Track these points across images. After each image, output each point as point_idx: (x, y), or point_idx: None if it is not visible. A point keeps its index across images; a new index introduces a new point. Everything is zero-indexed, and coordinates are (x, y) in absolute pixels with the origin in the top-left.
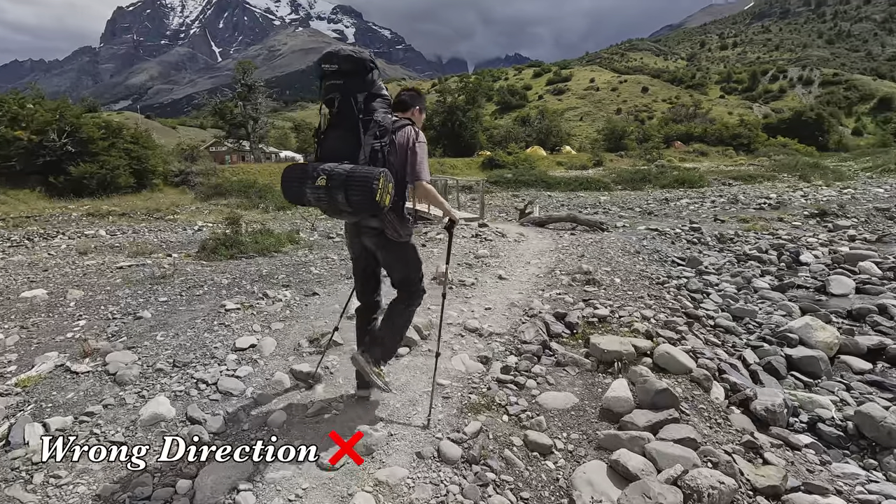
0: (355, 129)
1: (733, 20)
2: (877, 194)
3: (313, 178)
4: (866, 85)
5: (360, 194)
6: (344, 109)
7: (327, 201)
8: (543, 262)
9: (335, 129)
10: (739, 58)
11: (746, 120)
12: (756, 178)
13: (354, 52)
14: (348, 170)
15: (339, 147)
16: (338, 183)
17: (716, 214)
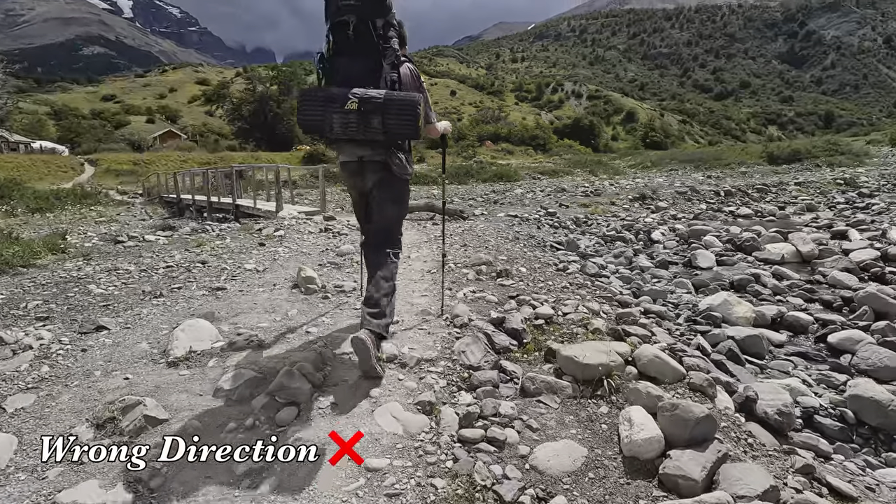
0: (374, 55)
1: (520, 38)
2: (659, 183)
3: (343, 101)
4: (617, 101)
5: (401, 119)
6: (362, 33)
7: (357, 126)
8: (425, 255)
9: (348, 55)
10: (527, 70)
11: (541, 124)
12: (557, 172)
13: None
14: (384, 94)
15: (355, 73)
16: (373, 107)
17: (559, 201)
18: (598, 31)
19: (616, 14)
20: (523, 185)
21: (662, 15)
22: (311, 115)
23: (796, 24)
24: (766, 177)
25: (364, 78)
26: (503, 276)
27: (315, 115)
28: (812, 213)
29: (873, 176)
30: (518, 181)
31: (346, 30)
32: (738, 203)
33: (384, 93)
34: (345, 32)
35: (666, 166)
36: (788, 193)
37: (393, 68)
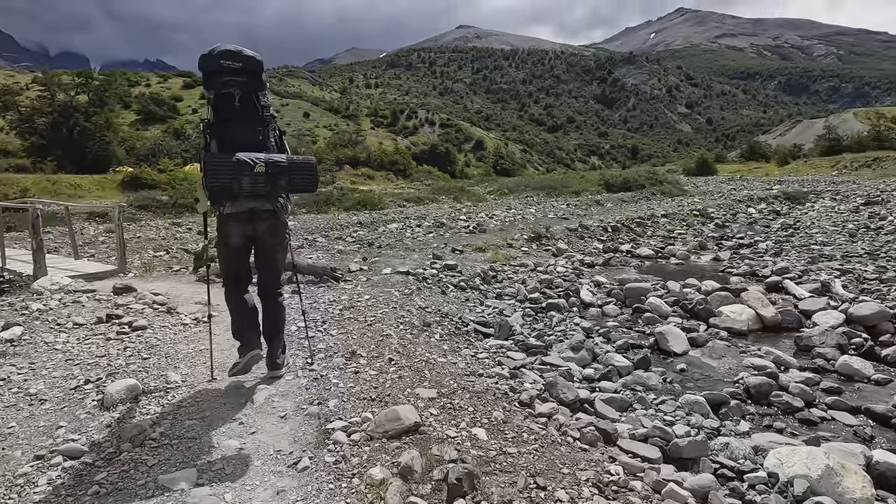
0: (258, 123)
1: (373, 65)
2: (534, 213)
3: (251, 166)
4: (467, 129)
5: (305, 178)
6: (246, 104)
7: (265, 185)
8: (274, 390)
9: (236, 121)
10: (381, 97)
11: (400, 149)
12: (423, 200)
13: (255, 54)
14: (286, 158)
15: (244, 138)
16: (280, 170)
17: (447, 242)
18: (445, 65)
19: (462, 50)
20: (393, 215)
21: (501, 55)
22: (222, 179)
23: (605, 71)
24: (621, 206)
25: (252, 142)
26: (416, 437)
27: (226, 179)
28: (710, 254)
29: (713, 205)
30: (384, 209)
31: (231, 101)
32: (627, 239)
33: (286, 157)
34: (231, 103)
35: (522, 192)
36: (663, 227)
37: (273, 130)
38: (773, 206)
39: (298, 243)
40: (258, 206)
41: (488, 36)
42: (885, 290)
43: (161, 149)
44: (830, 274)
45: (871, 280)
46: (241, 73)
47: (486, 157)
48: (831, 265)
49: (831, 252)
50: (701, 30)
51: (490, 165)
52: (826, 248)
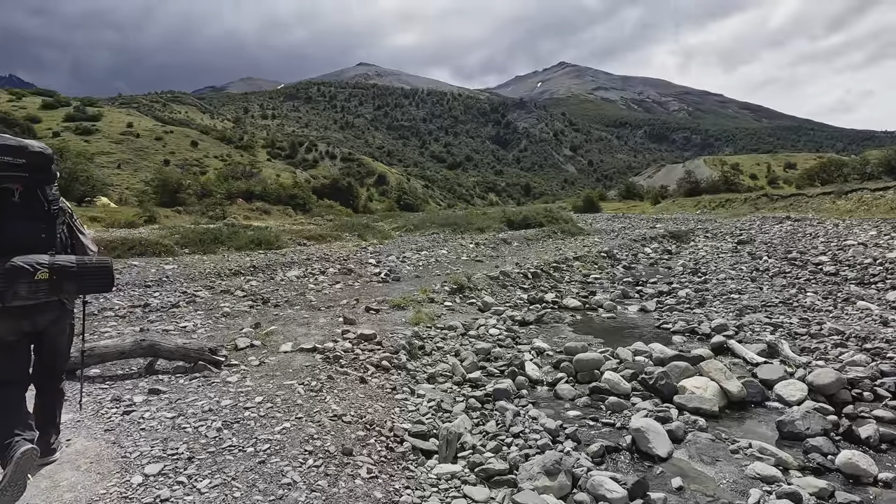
0: (45, 220)
1: (270, 95)
2: (445, 255)
3: (31, 273)
4: (369, 164)
5: (99, 281)
6: (29, 199)
7: (48, 291)
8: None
9: (15, 218)
10: (279, 128)
11: (300, 182)
12: (325, 237)
13: (43, 148)
14: (76, 261)
15: (24, 238)
16: (68, 275)
17: (359, 298)
18: (347, 100)
19: (363, 86)
20: (293, 255)
21: (401, 93)
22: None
23: (499, 114)
24: (528, 245)
25: (36, 241)
26: None
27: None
28: (635, 303)
29: (615, 246)
30: (282, 248)
31: (9, 195)
32: (548, 286)
33: (75, 259)
34: (8, 198)
35: (428, 229)
36: (578, 271)
37: (61, 227)
38: (664, 244)
39: (174, 299)
40: (42, 300)
41: (388, 75)
42: (822, 348)
43: None
44: (764, 328)
45: (801, 335)
46: (23, 168)
47: (389, 192)
48: (759, 317)
49: (749, 301)
50: (580, 82)
51: (394, 200)
52: (742, 296)
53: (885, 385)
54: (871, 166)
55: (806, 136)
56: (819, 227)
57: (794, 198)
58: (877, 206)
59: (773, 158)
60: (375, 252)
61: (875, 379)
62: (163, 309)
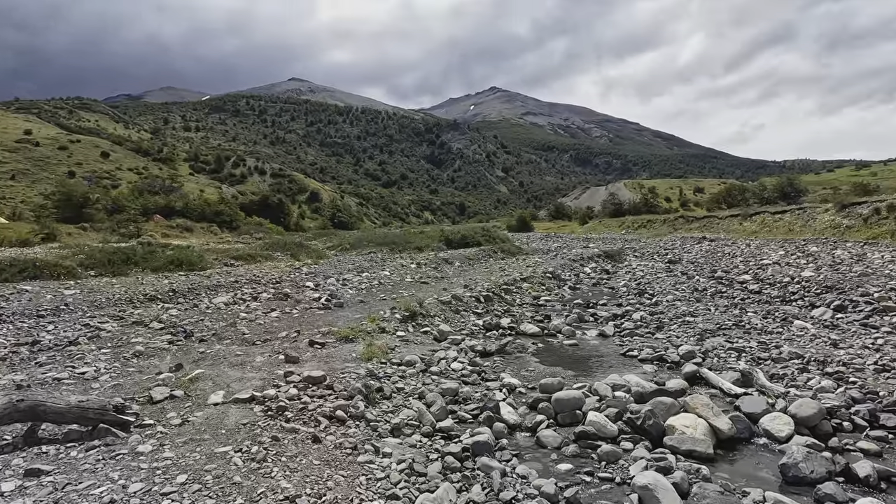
0: None
1: (194, 107)
2: (388, 277)
3: None
4: (301, 180)
5: None
6: None
7: None
8: None
9: None
10: (203, 141)
11: (226, 198)
12: (255, 257)
13: None
14: None
15: None
16: None
17: (300, 329)
18: (278, 114)
19: (295, 102)
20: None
21: (335, 110)
22: None
23: (434, 135)
24: (472, 265)
25: None
26: None
27: None
28: (593, 328)
29: (557, 266)
30: (203, 269)
31: None
32: (501, 310)
33: None
34: None
35: (365, 248)
36: (528, 293)
37: None
38: (601, 263)
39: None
40: None
41: (322, 91)
42: (789, 374)
43: None
44: (728, 353)
45: (765, 360)
46: None
47: (322, 210)
48: (720, 342)
49: (704, 324)
50: (510, 107)
51: (327, 218)
52: (695, 318)
53: (860, 413)
54: (768, 192)
55: (710, 164)
56: (734, 248)
57: (706, 219)
58: (777, 227)
59: (685, 183)
60: (311, 273)
61: (849, 407)
62: (57, 347)
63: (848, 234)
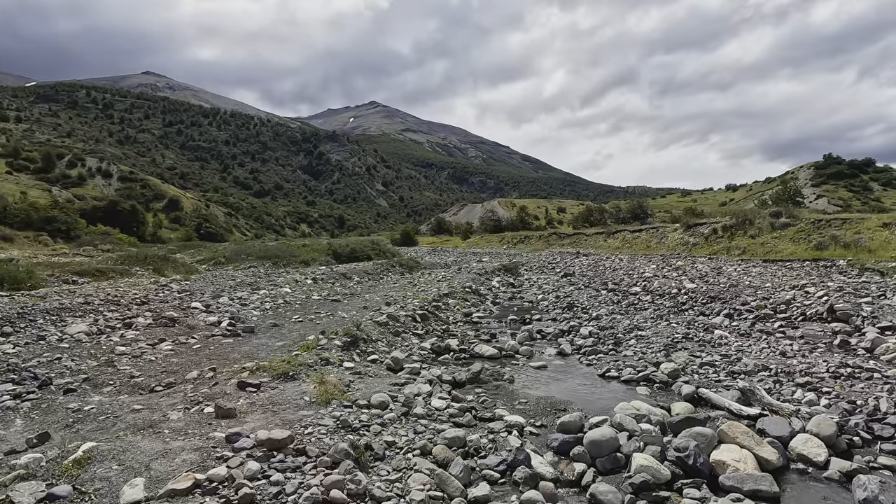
0: None
1: (14, 93)
2: (288, 293)
3: None
4: (157, 186)
5: None
6: None
7: None
8: None
9: None
10: (26, 135)
11: (60, 203)
12: (106, 273)
13: None
14: None
15: None
16: None
17: (216, 369)
18: (128, 111)
19: (150, 98)
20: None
21: (199, 111)
22: None
23: (312, 145)
24: (377, 281)
25: None
26: None
27: None
28: (549, 347)
29: (468, 280)
30: (35, 287)
31: None
32: (439, 329)
33: None
34: None
35: (244, 262)
36: (456, 309)
37: None
38: (504, 277)
39: None
40: None
41: (184, 89)
42: (771, 388)
43: None
44: (702, 368)
45: (738, 374)
46: None
47: (184, 219)
48: (686, 356)
49: (656, 338)
50: (390, 122)
51: (192, 229)
52: (645, 332)
53: (860, 426)
54: (623, 212)
55: (570, 187)
56: (610, 262)
57: (575, 236)
58: (636, 244)
59: (550, 203)
60: (185, 291)
61: (847, 420)
62: None
63: (694, 250)
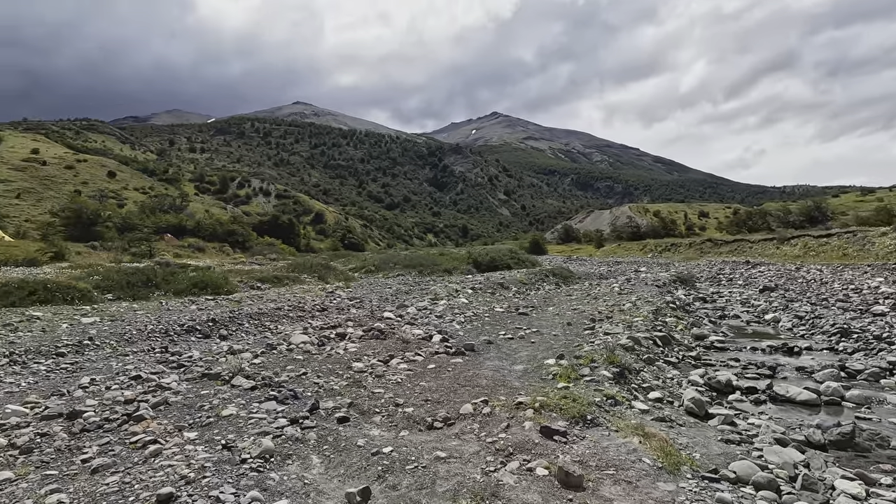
0: None
1: (199, 129)
2: (465, 304)
3: None
4: (306, 202)
5: None
6: None
7: None
8: None
9: None
10: (208, 162)
11: (237, 218)
12: (282, 279)
13: None
14: None
15: None
16: None
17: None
18: (282, 137)
19: (299, 125)
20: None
21: (339, 133)
22: None
23: (437, 158)
24: (533, 290)
25: None
26: None
27: None
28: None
29: (649, 293)
30: (231, 292)
31: None
32: (691, 357)
33: None
34: None
35: (391, 270)
36: (677, 330)
37: None
38: (690, 291)
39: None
40: None
41: (325, 114)
42: None
43: None
44: None
45: None
46: None
47: (327, 231)
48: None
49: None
50: (511, 131)
51: (337, 239)
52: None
53: None
54: (794, 215)
55: (710, 189)
56: (805, 273)
57: (736, 243)
58: (824, 251)
59: (689, 207)
60: (354, 299)
61: None
62: (110, 422)
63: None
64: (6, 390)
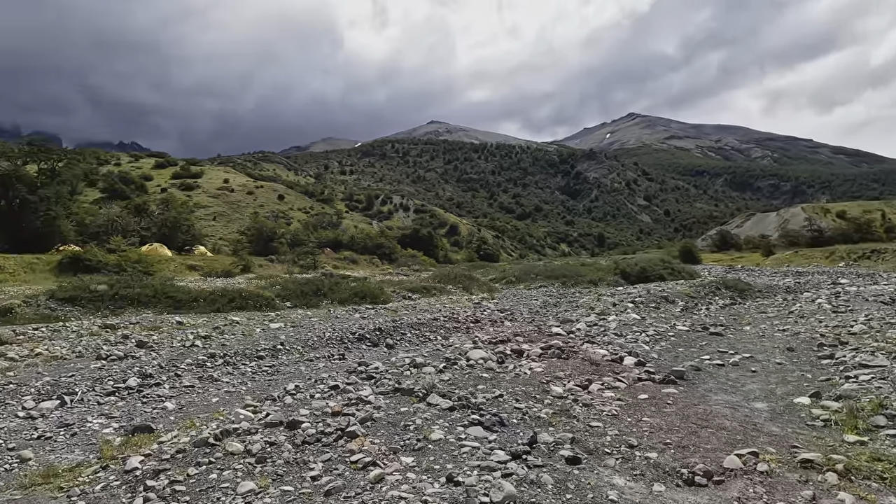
0: None
1: (348, 153)
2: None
3: None
4: (441, 215)
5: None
6: None
7: None
8: None
9: None
10: (356, 182)
11: (385, 232)
12: (430, 290)
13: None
14: None
15: None
16: None
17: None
18: (418, 155)
19: (433, 142)
20: (405, 313)
21: (471, 147)
22: None
23: (569, 165)
24: (703, 305)
25: None
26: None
27: None
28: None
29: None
30: (386, 302)
31: None
32: None
33: None
34: None
35: (533, 282)
36: None
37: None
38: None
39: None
40: None
41: (457, 131)
42: None
43: (115, 225)
44: None
45: None
46: None
47: (461, 242)
48: None
49: None
50: (650, 132)
51: (473, 250)
52: None
53: None
54: None
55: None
56: None
57: None
58: None
59: (887, 205)
60: (505, 311)
61: None
62: (326, 435)
63: None
64: (225, 390)
